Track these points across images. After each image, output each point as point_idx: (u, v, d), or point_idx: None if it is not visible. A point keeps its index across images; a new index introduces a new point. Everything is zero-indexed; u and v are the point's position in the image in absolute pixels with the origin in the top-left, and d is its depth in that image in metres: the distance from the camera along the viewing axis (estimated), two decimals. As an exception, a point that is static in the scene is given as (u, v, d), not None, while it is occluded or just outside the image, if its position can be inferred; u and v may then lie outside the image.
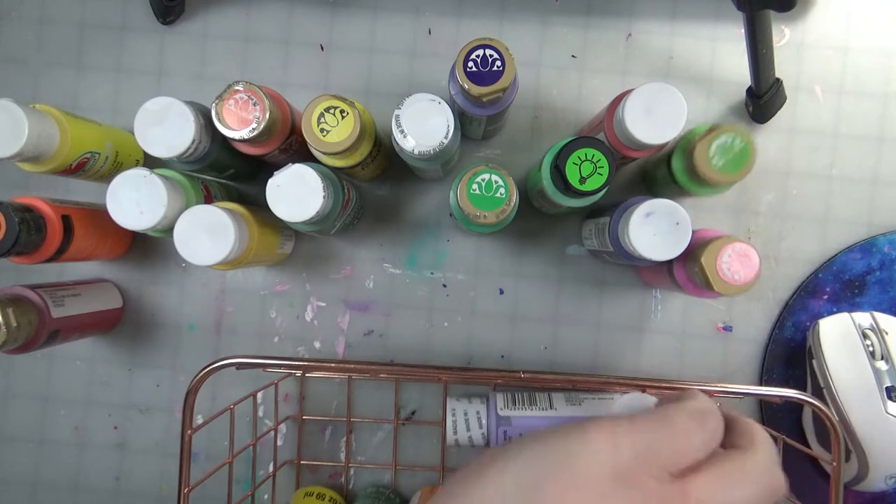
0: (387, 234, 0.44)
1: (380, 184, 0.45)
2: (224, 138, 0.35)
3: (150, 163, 0.43)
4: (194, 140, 0.33)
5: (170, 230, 0.34)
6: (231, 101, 0.33)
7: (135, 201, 0.33)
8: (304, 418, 0.44)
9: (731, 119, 0.44)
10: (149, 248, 0.45)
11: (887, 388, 0.40)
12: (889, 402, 0.39)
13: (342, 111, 0.33)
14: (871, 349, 0.40)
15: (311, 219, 0.33)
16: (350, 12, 0.44)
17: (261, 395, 0.41)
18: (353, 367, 0.37)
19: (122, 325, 0.45)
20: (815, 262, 0.43)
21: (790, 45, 0.43)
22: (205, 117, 0.35)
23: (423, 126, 0.33)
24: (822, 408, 0.34)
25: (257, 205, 0.41)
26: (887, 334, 0.41)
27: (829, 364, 0.40)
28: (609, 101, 0.37)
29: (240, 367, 0.35)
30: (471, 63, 0.32)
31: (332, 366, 0.37)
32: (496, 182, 0.33)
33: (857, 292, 0.43)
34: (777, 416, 0.43)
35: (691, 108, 0.43)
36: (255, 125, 0.33)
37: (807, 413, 0.43)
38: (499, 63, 0.32)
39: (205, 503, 0.43)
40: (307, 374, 0.44)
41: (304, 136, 0.33)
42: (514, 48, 0.43)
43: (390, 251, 0.44)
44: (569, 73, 0.44)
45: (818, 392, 0.41)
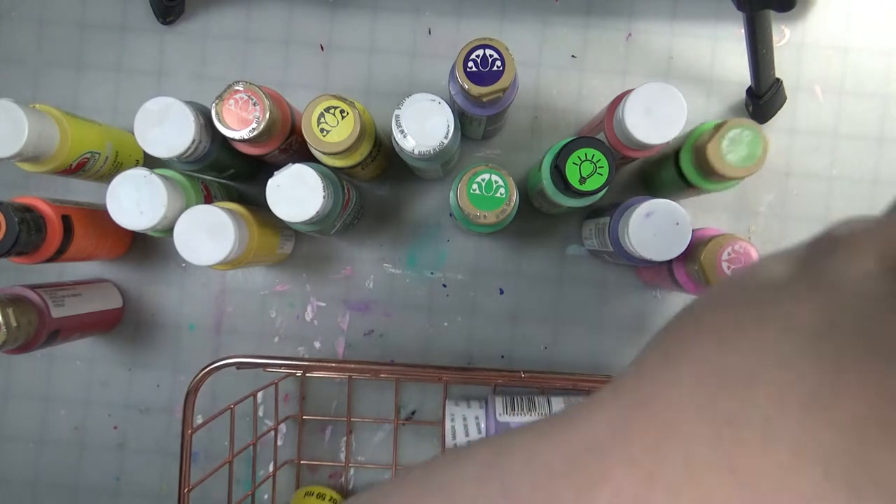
0: (387, 234, 0.44)
1: (380, 184, 0.45)
2: (224, 138, 0.35)
3: (150, 163, 0.43)
4: (194, 140, 0.33)
5: (170, 230, 0.34)
6: (231, 101, 0.33)
7: (135, 201, 0.33)
8: (304, 418, 0.44)
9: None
10: (149, 248, 0.45)
11: (887, 388, 0.39)
12: (889, 402, 0.39)
13: (342, 111, 0.33)
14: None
15: (311, 219, 0.33)
16: (350, 12, 0.44)
17: (261, 394, 0.41)
18: (353, 367, 0.37)
19: (122, 325, 0.45)
20: (815, 262, 0.43)
21: (790, 45, 0.43)
22: (205, 117, 0.35)
23: (423, 126, 0.33)
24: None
25: (257, 205, 0.41)
26: (887, 334, 0.40)
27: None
28: (609, 101, 0.37)
29: (240, 366, 0.35)
30: (471, 63, 0.32)
31: (332, 366, 0.37)
32: (496, 182, 0.33)
33: (857, 292, 0.43)
34: (777, 416, 0.43)
35: (691, 108, 0.43)
36: (255, 125, 0.33)
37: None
38: (499, 63, 0.32)
39: (205, 503, 0.43)
40: (307, 374, 0.44)
41: (304, 136, 0.33)
42: (514, 48, 0.43)
43: (390, 251, 0.44)
44: (569, 73, 0.44)
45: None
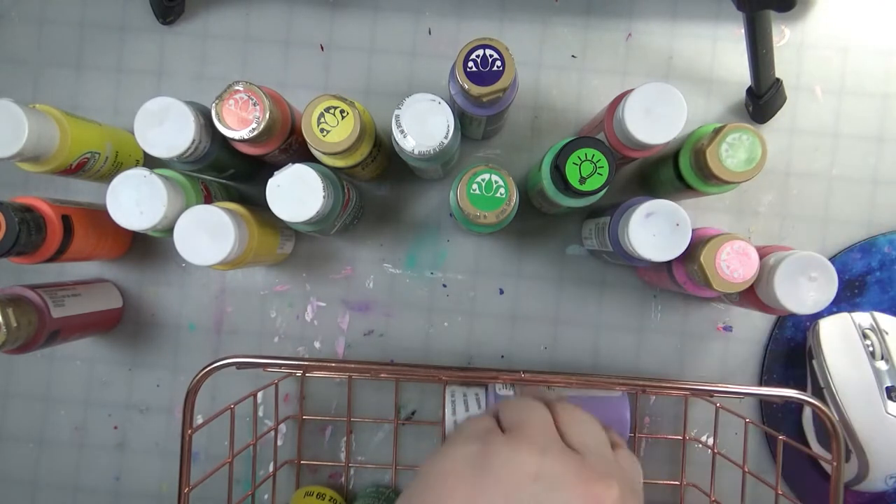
0: (387, 234, 0.44)
1: (380, 184, 0.45)
2: (224, 138, 0.35)
3: (150, 163, 0.43)
4: (194, 140, 0.33)
5: (170, 230, 0.34)
6: (231, 101, 0.33)
7: (135, 201, 0.33)
8: (304, 418, 0.44)
9: (731, 119, 0.44)
10: (149, 248, 0.45)
11: (887, 388, 0.40)
12: (889, 402, 0.39)
13: (342, 111, 0.33)
14: (871, 349, 0.40)
15: (311, 219, 0.33)
16: (350, 12, 0.44)
17: (261, 394, 0.41)
18: (353, 367, 0.37)
19: (122, 325, 0.45)
20: (815, 262, 0.43)
21: (790, 45, 0.43)
22: (205, 117, 0.35)
23: (423, 126, 0.33)
24: (823, 408, 0.34)
25: (257, 205, 0.41)
26: (887, 334, 0.41)
27: (829, 364, 0.41)
28: (609, 101, 0.37)
29: (240, 367, 0.35)
30: (471, 63, 0.32)
31: (332, 366, 0.37)
32: (496, 182, 0.33)
33: (857, 292, 0.43)
34: (777, 416, 0.43)
35: (691, 108, 0.43)
36: (255, 125, 0.33)
37: (807, 413, 0.43)
38: (499, 63, 0.32)
39: (205, 503, 0.43)
40: (307, 374, 0.44)
41: (304, 136, 0.33)
42: (514, 48, 0.43)
43: (390, 251, 0.44)
44: (569, 73, 0.44)
45: (818, 392, 0.42)
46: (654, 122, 0.33)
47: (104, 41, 0.44)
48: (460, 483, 0.26)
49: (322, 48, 0.44)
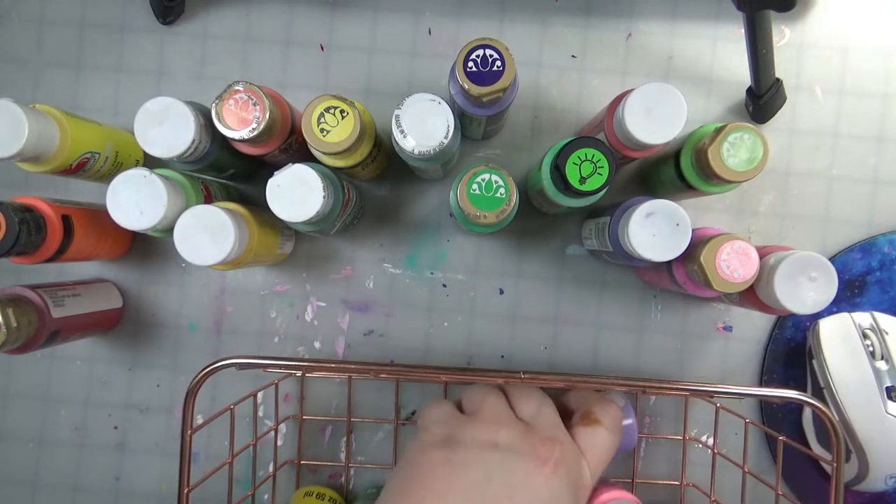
0: (387, 234, 0.44)
1: (380, 184, 0.45)
2: (224, 138, 0.35)
3: (150, 163, 0.43)
4: (194, 140, 0.33)
5: (170, 230, 0.34)
6: (231, 101, 0.33)
7: (135, 201, 0.33)
8: (304, 418, 0.44)
9: (731, 119, 0.44)
10: (149, 248, 0.45)
11: (887, 388, 0.40)
12: (889, 402, 0.39)
13: (342, 111, 0.33)
14: (871, 349, 0.40)
15: (311, 219, 0.33)
16: (350, 12, 0.44)
17: (261, 395, 0.41)
18: (353, 367, 0.37)
19: (122, 325, 0.45)
20: (815, 262, 0.43)
21: (790, 45, 0.43)
22: (205, 117, 0.35)
23: (423, 126, 0.33)
24: (823, 408, 0.34)
25: (257, 205, 0.41)
26: (887, 334, 0.41)
27: (829, 364, 0.41)
28: (609, 101, 0.37)
29: (240, 367, 0.35)
30: (471, 63, 0.32)
31: (332, 366, 0.37)
32: (496, 182, 0.33)
33: (857, 292, 0.43)
34: (777, 417, 0.43)
35: (691, 108, 0.43)
36: (255, 125, 0.33)
37: (807, 413, 0.43)
38: (499, 63, 0.32)
39: (205, 503, 0.43)
40: (307, 374, 0.44)
41: (304, 136, 0.33)
42: (514, 48, 0.43)
43: (390, 251, 0.44)
44: (569, 73, 0.44)
45: (818, 392, 0.42)
46: (654, 122, 0.33)
47: (104, 41, 0.44)
48: (436, 457, 0.32)
49: (322, 48, 0.44)
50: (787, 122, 0.43)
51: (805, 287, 0.32)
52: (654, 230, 0.33)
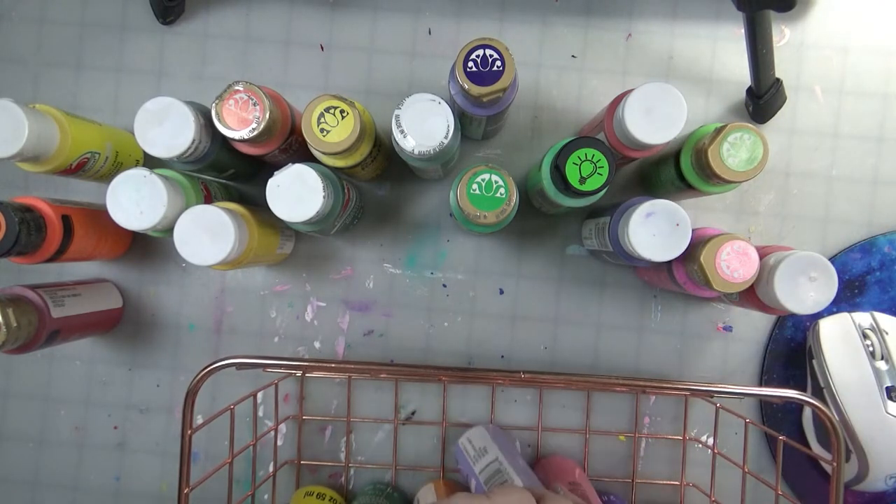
0: (387, 234, 0.44)
1: (380, 184, 0.45)
2: (224, 138, 0.35)
3: (150, 163, 0.43)
4: (194, 140, 0.33)
5: (170, 230, 0.34)
6: (231, 101, 0.33)
7: (135, 201, 0.33)
8: (304, 418, 0.44)
9: (731, 119, 0.44)
10: (149, 248, 0.45)
11: (887, 388, 0.40)
12: (889, 402, 0.39)
13: (342, 111, 0.33)
14: (871, 349, 0.40)
15: (311, 219, 0.33)
16: (350, 12, 0.44)
17: (261, 395, 0.41)
18: (353, 367, 0.37)
19: (122, 325, 0.45)
20: (815, 262, 0.43)
21: (790, 45, 0.43)
22: (205, 117, 0.35)
23: (423, 126, 0.33)
24: (823, 408, 0.34)
25: (257, 205, 0.41)
26: (887, 334, 0.41)
27: (829, 364, 0.41)
28: (609, 101, 0.37)
29: (240, 367, 0.35)
30: (471, 63, 0.32)
31: (332, 366, 0.37)
32: (496, 182, 0.33)
33: (857, 292, 0.43)
34: (777, 416, 0.43)
35: (691, 108, 0.43)
36: (255, 125, 0.33)
37: (807, 413, 0.43)
38: (499, 63, 0.32)
39: (205, 503, 0.43)
40: (307, 374, 0.44)
41: (304, 136, 0.33)
42: (514, 48, 0.43)
43: (390, 251, 0.44)
44: (569, 73, 0.44)
45: (818, 392, 0.42)
46: (654, 122, 0.33)
47: (104, 41, 0.44)
48: None
49: (322, 48, 0.44)
50: (787, 122, 0.43)
51: (805, 287, 0.32)
52: (654, 230, 0.33)
